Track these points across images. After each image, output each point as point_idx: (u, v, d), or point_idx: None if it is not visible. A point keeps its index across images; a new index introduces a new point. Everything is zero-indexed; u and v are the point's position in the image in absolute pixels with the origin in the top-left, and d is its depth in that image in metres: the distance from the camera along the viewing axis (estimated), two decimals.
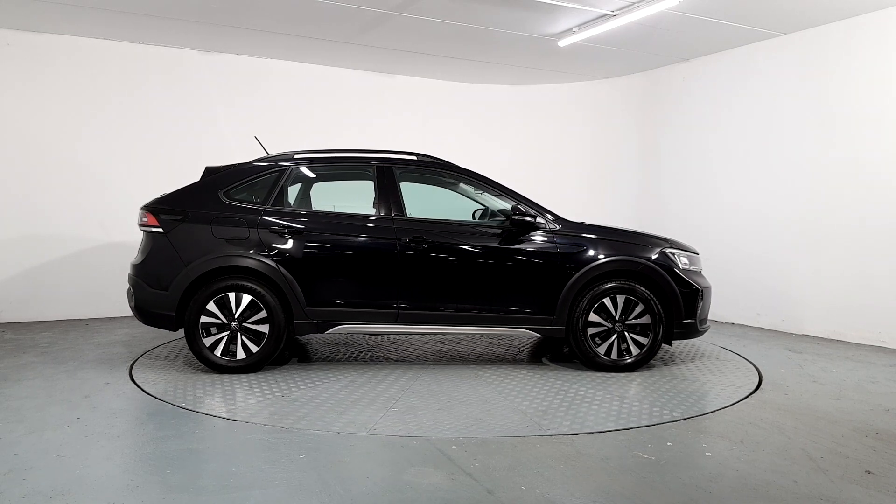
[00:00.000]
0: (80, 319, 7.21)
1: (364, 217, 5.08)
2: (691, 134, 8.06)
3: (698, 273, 5.44)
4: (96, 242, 7.32)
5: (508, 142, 9.41)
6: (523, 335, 5.09)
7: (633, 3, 5.94)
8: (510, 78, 9.13)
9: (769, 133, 7.14)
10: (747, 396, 4.49)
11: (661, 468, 3.20)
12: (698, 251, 5.64)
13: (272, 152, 5.51)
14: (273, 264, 4.83)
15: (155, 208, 4.94)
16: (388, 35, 7.05)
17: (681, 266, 5.24)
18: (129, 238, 6.93)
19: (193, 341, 4.81)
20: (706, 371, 5.19)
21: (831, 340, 6.49)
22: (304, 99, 8.29)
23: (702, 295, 5.23)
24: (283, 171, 5.11)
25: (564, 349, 5.93)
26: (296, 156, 5.21)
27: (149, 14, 6.42)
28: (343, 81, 8.55)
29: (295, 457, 3.27)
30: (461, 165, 5.39)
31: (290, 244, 4.90)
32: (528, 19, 6.46)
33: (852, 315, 6.41)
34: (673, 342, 5.46)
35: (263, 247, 4.86)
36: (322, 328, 4.95)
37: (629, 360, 5.09)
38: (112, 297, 7.17)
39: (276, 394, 4.37)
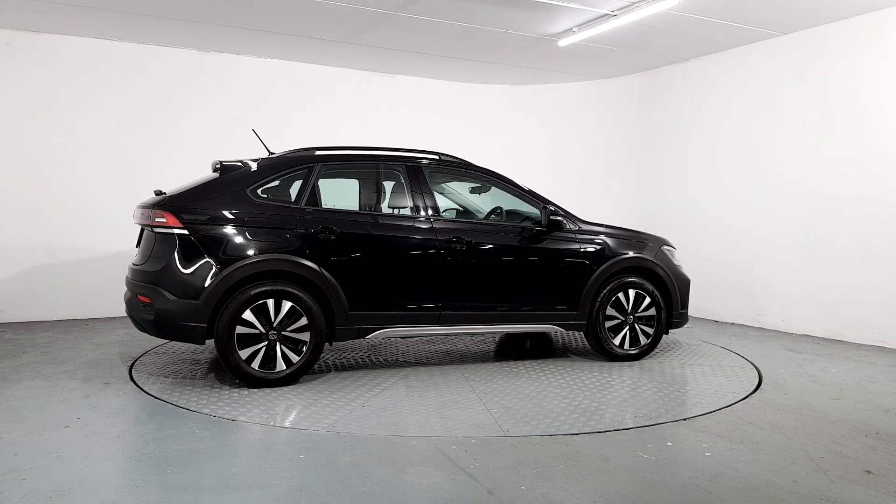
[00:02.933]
0: (80, 319, 7.21)
1: (403, 217, 4.95)
2: (691, 134, 8.06)
3: (682, 267, 5.83)
4: (96, 242, 7.32)
5: (508, 142, 9.41)
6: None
7: (633, 3, 5.94)
8: (510, 78, 9.13)
9: (769, 133, 7.14)
10: (747, 396, 4.49)
11: (661, 468, 3.20)
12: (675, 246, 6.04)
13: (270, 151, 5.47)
14: (316, 267, 4.51)
15: (175, 208, 4.41)
16: (388, 35, 7.05)
17: (674, 262, 5.70)
18: (127, 239, 6.91)
19: (229, 354, 4.33)
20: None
21: (831, 340, 6.49)
22: (304, 99, 8.29)
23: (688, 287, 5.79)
24: (311, 168, 4.77)
25: (527, 344, 6.19)
26: (317, 152, 4.93)
27: (149, 14, 6.43)
28: (343, 81, 8.56)
29: (295, 457, 3.27)
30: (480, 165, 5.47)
31: (331, 246, 4.59)
32: (528, 19, 6.47)
33: (852, 315, 6.41)
34: (671, 332, 5.80)
35: (303, 249, 4.51)
36: (363, 333, 4.72)
37: (640, 350, 5.49)
38: (112, 297, 7.16)
39: (352, 403, 4.16)
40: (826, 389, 4.69)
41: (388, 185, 5.23)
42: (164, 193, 4.66)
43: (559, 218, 5.26)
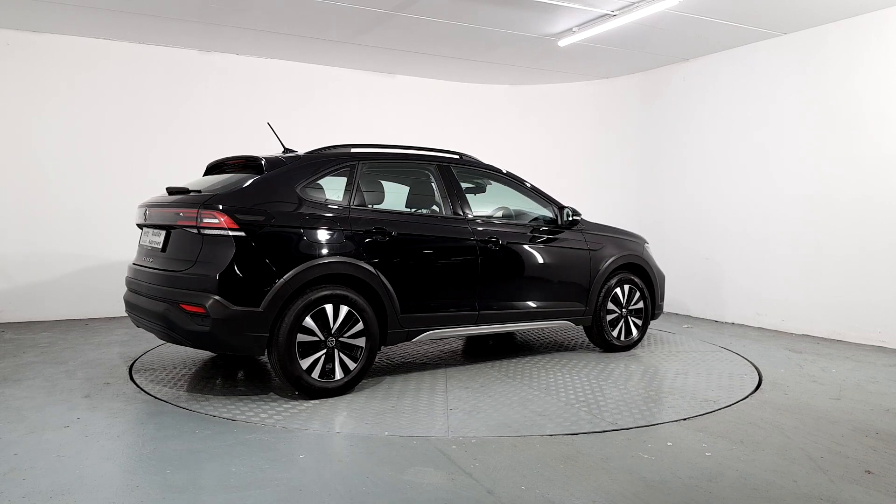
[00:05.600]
0: (80, 319, 7.22)
1: (447, 218, 4.91)
2: (691, 134, 8.06)
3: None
4: (96, 242, 7.32)
5: (508, 142, 9.41)
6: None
7: (633, 3, 5.94)
8: (510, 78, 9.13)
9: (769, 133, 7.14)
10: (747, 396, 4.49)
11: (661, 468, 3.20)
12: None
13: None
14: (373, 270, 4.37)
15: (229, 207, 4.04)
16: (388, 35, 7.05)
17: (653, 258, 6.17)
18: (128, 239, 6.89)
19: (290, 364, 4.06)
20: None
21: (831, 340, 6.49)
22: (304, 99, 8.30)
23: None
24: (354, 166, 4.62)
25: (490, 342, 6.27)
26: (352, 150, 4.78)
27: (149, 14, 6.43)
28: (343, 81, 8.56)
29: (295, 457, 3.27)
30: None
31: (384, 248, 4.47)
32: (528, 19, 6.47)
33: (852, 315, 6.41)
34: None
35: (359, 250, 4.35)
36: (411, 336, 4.63)
37: (635, 340, 5.92)
38: (112, 297, 7.16)
39: (436, 408, 4.09)
40: (826, 389, 4.69)
41: (424, 185, 5.18)
42: (190, 191, 4.35)
43: (578, 218, 5.53)
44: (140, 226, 4.84)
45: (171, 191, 4.44)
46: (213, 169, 5.06)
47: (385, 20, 6.53)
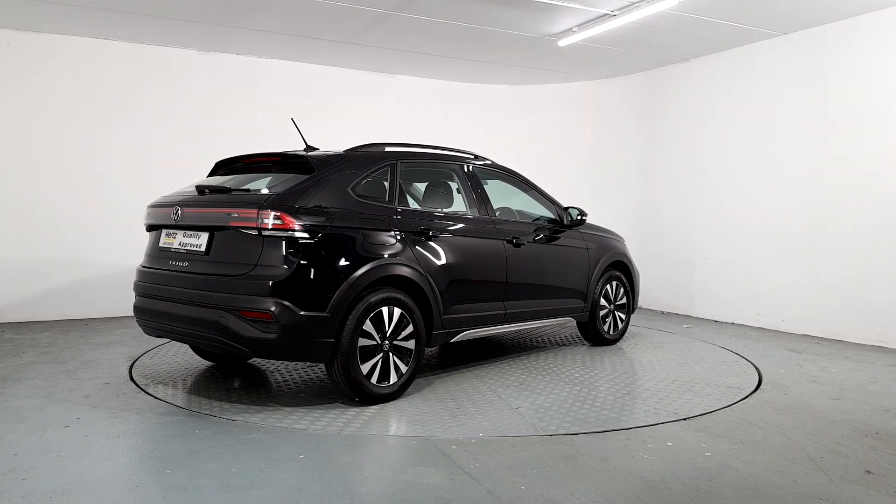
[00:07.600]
0: (80, 319, 7.21)
1: (480, 220, 4.98)
2: (691, 134, 8.06)
3: None
4: (96, 242, 7.32)
5: (508, 142, 9.41)
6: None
7: (633, 3, 5.94)
8: (510, 78, 9.13)
9: (768, 133, 7.14)
10: (747, 396, 4.49)
11: (661, 468, 3.20)
12: None
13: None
14: (422, 271, 4.34)
15: (291, 208, 3.85)
16: (388, 35, 7.05)
17: (631, 255, 6.46)
18: (127, 238, 6.89)
19: (352, 369, 3.94)
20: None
21: (831, 340, 6.49)
22: (304, 99, 8.29)
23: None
24: (393, 166, 4.57)
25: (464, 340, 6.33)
26: (386, 149, 4.71)
27: (149, 14, 6.43)
28: (343, 81, 8.56)
29: (295, 457, 3.27)
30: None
31: (430, 249, 4.46)
32: (528, 19, 6.47)
33: (852, 315, 6.41)
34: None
35: (409, 252, 4.30)
36: (451, 337, 4.62)
37: (619, 333, 6.24)
38: (112, 297, 7.18)
39: (503, 408, 4.07)
40: (826, 389, 4.69)
41: (453, 185, 5.19)
42: (232, 190, 4.18)
43: (585, 218, 5.71)
44: (157, 227, 4.50)
45: (206, 189, 4.20)
46: (222, 166, 4.84)
47: (385, 20, 6.53)
